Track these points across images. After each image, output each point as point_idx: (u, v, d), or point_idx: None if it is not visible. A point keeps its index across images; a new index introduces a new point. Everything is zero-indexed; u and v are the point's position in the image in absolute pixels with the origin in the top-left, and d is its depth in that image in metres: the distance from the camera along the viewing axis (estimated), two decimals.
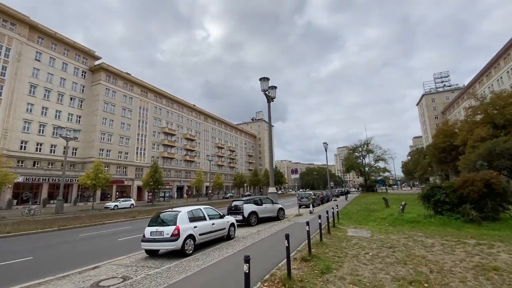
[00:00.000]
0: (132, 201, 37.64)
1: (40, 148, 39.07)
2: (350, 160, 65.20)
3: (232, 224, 10.00)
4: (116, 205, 34.27)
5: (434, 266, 5.34)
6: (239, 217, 13.03)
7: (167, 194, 56.09)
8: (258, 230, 11.44)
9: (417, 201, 12.67)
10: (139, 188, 50.94)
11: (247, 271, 3.29)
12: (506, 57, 44.82)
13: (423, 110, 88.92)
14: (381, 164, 62.37)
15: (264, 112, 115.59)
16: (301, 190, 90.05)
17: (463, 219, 10.06)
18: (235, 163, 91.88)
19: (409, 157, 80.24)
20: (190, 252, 7.89)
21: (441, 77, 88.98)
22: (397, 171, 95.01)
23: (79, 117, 45.45)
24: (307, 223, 6.62)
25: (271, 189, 17.50)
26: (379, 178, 64.64)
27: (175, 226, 7.82)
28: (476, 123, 33.04)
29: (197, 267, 6.27)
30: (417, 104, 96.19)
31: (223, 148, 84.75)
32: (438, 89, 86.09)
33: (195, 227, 8.29)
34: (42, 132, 39.49)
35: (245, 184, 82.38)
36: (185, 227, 7.97)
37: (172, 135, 63.15)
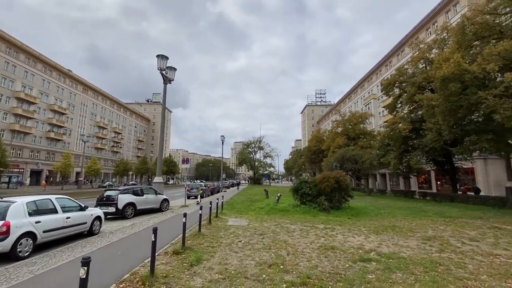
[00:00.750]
0: None
1: None
2: (243, 154, 69.70)
3: (98, 218, 8.42)
4: None
5: (291, 249, 6.16)
6: (112, 209, 11.23)
7: (14, 180, 42.73)
8: (133, 223, 10.18)
9: (290, 193, 14.74)
10: None
11: (84, 276, 2.60)
12: (361, 86, 59.37)
13: (305, 118, 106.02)
14: (268, 160, 70.16)
15: (156, 95, 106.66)
16: (194, 181, 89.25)
17: (318, 208, 12.45)
18: (121, 147, 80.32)
19: (290, 156, 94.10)
20: (26, 254, 6.04)
21: (320, 93, 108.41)
22: (280, 167, 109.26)
23: None
24: (185, 215, 6.28)
25: (157, 179, 16.16)
26: (265, 172, 72.60)
27: (3, 222, 5.79)
28: (337, 134, 42.16)
29: (30, 273, 4.79)
30: (301, 112, 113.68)
31: (105, 128, 72.01)
32: (317, 103, 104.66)
33: (37, 222, 6.39)
34: None
35: (130, 173, 73.56)
36: (20, 222, 6.03)
37: (31, 103, 48.34)
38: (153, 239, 4.32)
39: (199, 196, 18.41)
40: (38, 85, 50.49)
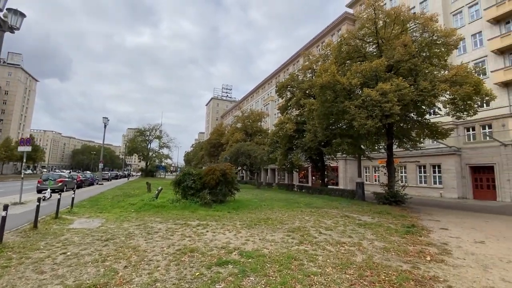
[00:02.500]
0: None
1: None
2: (135, 142, 61.62)
3: None
4: None
5: (137, 258, 4.80)
6: None
7: None
8: None
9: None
10: None
11: None
12: (263, 88, 63.44)
13: (209, 110, 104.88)
14: (165, 151, 64.88)
15: (23, 56, 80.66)
16: (62, 170, 71.94)
17: (200, 202, 11.51)
18: None
19: (192, 149, 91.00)
20: None
21: (226, 88, 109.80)
22: (180, 160, 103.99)
23: None
24: None
25: None
26: (161, 164, 66.87)
27: None
28: (237, 129, 43.24)
29: None
30: (206, 105, 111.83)
31: None
32: (222, 97, 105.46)
33: None
34: None
35: None
36: None
37: None
38: None
39: (48, 191, 14.02)
40: None
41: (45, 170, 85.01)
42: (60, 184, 18.71)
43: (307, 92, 22.70)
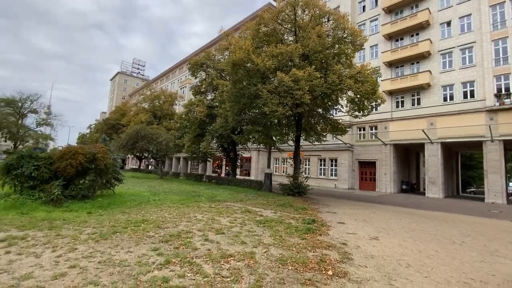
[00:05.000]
0: None
1: None
2: None
3: None
4: None
5: None
6: None
7: None
8: None
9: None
10: None
11: None
12: (180, 68, 57.81)
13: (114, 87, 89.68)
14: (46, 130, 51.06)
15: None
16: None
17: (44, 199, 7.82)
18: None
19: (89, 130, 75.72)
20: None
21: (138, 64, 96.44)
22: (73, 142, 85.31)
23: None
24: None
25: None
26: (38, 145, 52.28)
27: None
28: (144, 109, 37.42)
29: None
30: (111, 79, 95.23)
31: None
32: (133, 73, 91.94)
33: None
34: None
35: None
36: None
37: None
38: None
39: None
40: None
41: None
42: None
43: (222, 74, 20.66)
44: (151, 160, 35.22)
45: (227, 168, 33.85)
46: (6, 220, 6.15)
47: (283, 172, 31.93)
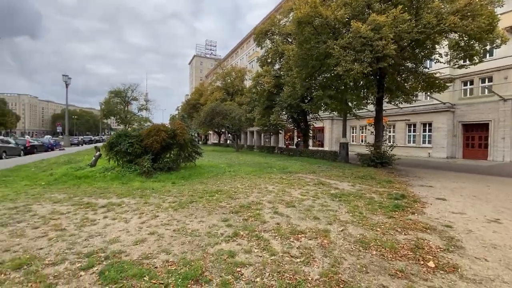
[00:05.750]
0: None
1: None
2: (110, 104, 57.14)
3: None
4: None
5: None
6: None
7: None
8: None
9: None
10: None
11: None
12: (247, 42, 57.81)
13: (193, 70, 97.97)
14: (144, 114, 60.95)
15: None
16: (27, 136, 67.53)
17: (138, 171, 9.10)
18: None
19: (177, 112, 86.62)
20: None
21: (210, 45, 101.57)
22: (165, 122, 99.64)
23: None
24: None
25: None
26: (141, 128, 63.29)
27: None
28: (217, 88, 39.56)
29: None
30: (189, 63, 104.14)
31: None
32: (206, 55, 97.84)
33: None
34: None
35: None
36: None
37: None
38: None
39: None
40: None
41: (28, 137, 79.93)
42: None
43: (288, 38, 19.22)
44: (228, 134, 37.60)
45: (298, 139, 33.10)
46: (110, 188, 7.39)
47: (362, 141, 28.98)
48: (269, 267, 3.06)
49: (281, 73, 19.66)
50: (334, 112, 19.87)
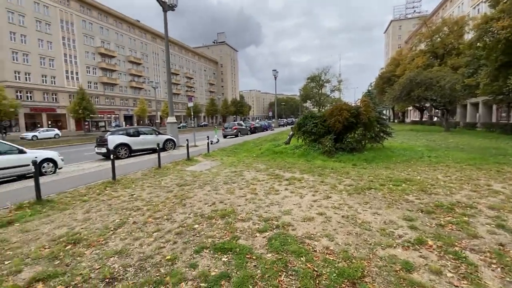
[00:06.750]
0: (57, 131, 34.31)
1: None
2: (306, 89, 64.14)
3: (49, 160, 8.25)
4: (35, 135, 30.92)
5: (164, 212, 4.29)
6: (103, 150, 11.45)
7: (116, 123, 52.46)
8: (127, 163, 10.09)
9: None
10: None
11: None
12: None
13: (389, 38, 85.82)
14: (336, 95, 62.64)
15: (228, 34, 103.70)
16: (256, 120, 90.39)
17: (321, 150, 9.43)
18: (194, 91, 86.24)
19: (370, 88, 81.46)
20: None
21: (413, 2, 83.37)
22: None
23: None
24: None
25: (170, 119, 15.67)
26: None
27: None
28: (420, 52, 32.00)
29: None
30: (384, 32, 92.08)
31: (177, 74, 77.33)
32: (406, 16, 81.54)
33: None
34: None
35: (201, 115, 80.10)
36: None
37: (111, 57, 54.83)
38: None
39: (215, 136, 17.46)
40: (112, 38, 55.90)
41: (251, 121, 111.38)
42: (234, 131, 23.13)
43: None
44: (436, 110, 29.82)
45: None
46: (296, 164, 8.29)
47: None
48: None
49: None
50: None
